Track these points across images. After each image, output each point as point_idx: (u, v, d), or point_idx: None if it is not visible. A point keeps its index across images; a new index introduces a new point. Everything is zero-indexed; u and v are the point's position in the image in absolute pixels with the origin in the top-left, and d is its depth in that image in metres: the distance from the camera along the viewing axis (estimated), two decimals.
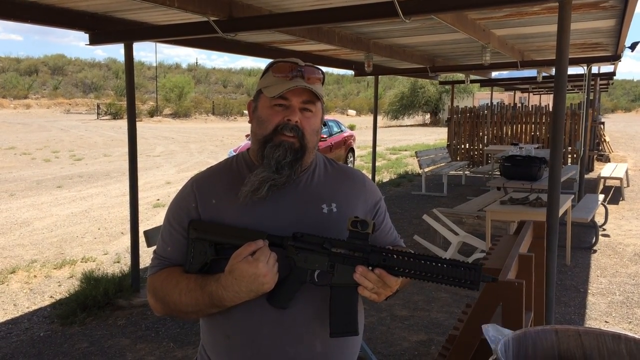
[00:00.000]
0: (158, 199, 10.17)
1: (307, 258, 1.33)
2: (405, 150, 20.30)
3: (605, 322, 4.56)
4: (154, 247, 1.56)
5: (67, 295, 5.03)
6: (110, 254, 6.60)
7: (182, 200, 1.49)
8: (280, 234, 1.36)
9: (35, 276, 5.75)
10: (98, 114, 42.34)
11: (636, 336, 1.37)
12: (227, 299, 1.33)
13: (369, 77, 10.50)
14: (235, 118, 46.17)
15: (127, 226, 5.74)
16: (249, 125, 1.53)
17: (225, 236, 1.37)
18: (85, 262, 6.27)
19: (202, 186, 1.48)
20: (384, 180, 12.86)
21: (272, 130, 1.42)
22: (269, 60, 1.56)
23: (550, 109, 11.80)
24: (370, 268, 1.31)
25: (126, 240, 6.51)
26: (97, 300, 4.80)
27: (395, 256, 1.30)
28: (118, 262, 6.26)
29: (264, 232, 1.35)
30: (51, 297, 5.19)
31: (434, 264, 1.28)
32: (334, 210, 1.47)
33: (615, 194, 10.33)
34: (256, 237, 1.33)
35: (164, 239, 1.49)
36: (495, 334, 1.36)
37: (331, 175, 1.55)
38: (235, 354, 1.43)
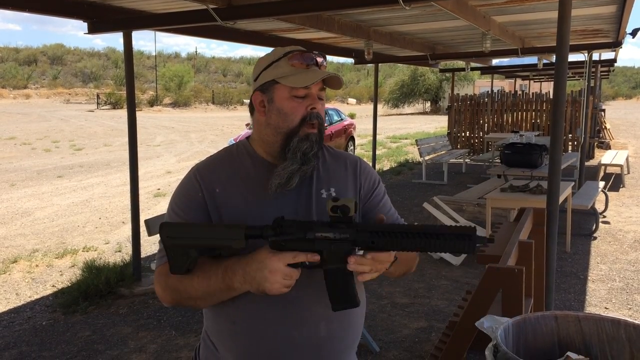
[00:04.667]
0: (158, 189, 10.18)
1: (293, 248, 1.29)
2: (406, 139, 20.27)
3: (605, 308, 4.58)
4: (158, 237, 1.55)
5: (69, 284, 5.05)
6: (112, 243, 6.62)
7: (187, 190, 1.48)
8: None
9: (37, 265, 5.77)
10: (98, 103, 42.19)
11: (635, 322, 1.37)
12: (237, 279, 1.32)
13: (369, 65, 10.47)
14: (235, 107, 46.05)
15: (128, 215, 5.74)
16: (249, 114, 1.53)
17: (203, 237, 1.34)
18: (87, 251, 6.28)
19: (205, 175, 1.48)
20: (385, 169, 12.85)
21: (299, 122, 1.42)
22: (268, 49, 1.55)
23: (551, 96, 11.78)
24: (358, 249, 1.29)
25: (127, 230, 6.53)
26: (99, 289, 4.82)
27: (383, 235, 1.26)
28: (119, 251, 6.28)
29: (241, 225, 1.31)
30: (53, 286, 5.21)
31: (425, 238, 1.24)
32: (333, 195, 1.49)
33: (615, 181, 10.33)
34: (233, 231, 1.31)
35: None
36: (490, 324, 1.37)
37: (328, 161, 1.56)
38: (241, 339, 1.44)
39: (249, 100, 1.54)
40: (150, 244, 6.17)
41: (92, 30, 4.92)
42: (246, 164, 1.48)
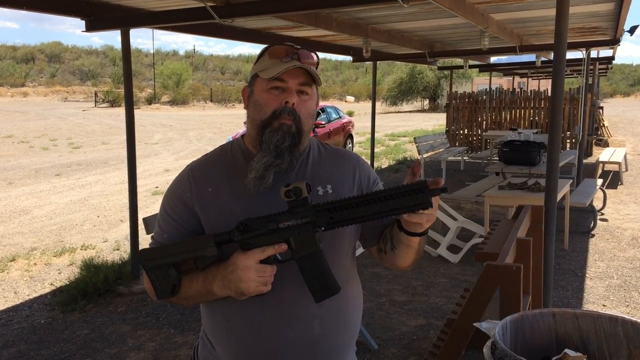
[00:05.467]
0: (157, 187, 10.17)
1: (261, 243, 1.31)
2: (404, 137, 20.27)
3: (603, 305, 4.59)
4: (153, 234, 1.57)
5: (67, 283, 5.04)
6: (110, 242, 6.62)
7: (178, 189, 1.49)
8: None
9: (35, 264, 5.77)
10: (96, 101, 42.11)
11: (633, 319, 1.38)
12: (216, 284, 1.34)
13: (367, 63, 10.46)
14: (233, 105, 45.99)
15: (126, 213, 5.74)
16: (246, 111, 1.53)
17: (177, 254, 1.37)
18: (85, 249, 6.28)
19: (197, 174, 1.49)
20: (383, 167, 12.86)
21: (271, 114, 1.41)
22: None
23: (549, 94, 11.78)
24: (322, 229, 1.29)
25: (125, 228, 6.52)
26: (97, 287, 4.82)
27: (341, 209, 1.27)
28: (117, 249, 6.27)
29: (211, 235, 1.34)
30: (51, 284, 5.20)
31: (381, 202, 1.25)
32: (330, 192, 1.48)
33: (613, 179, 10.34)
34: (203, 241, 1.34)
35: (161, 226, 1.50)
36: (488, 325, 1.37)
37: (325, 158, 1.55)
38: (236, 337, 1.45)
39: None
40: (149, 242, 6.17)
41: (90, 28, 4.92)
42: (239, 161, 1.48)
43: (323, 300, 1.34)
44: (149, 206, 8.40)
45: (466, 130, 15.03)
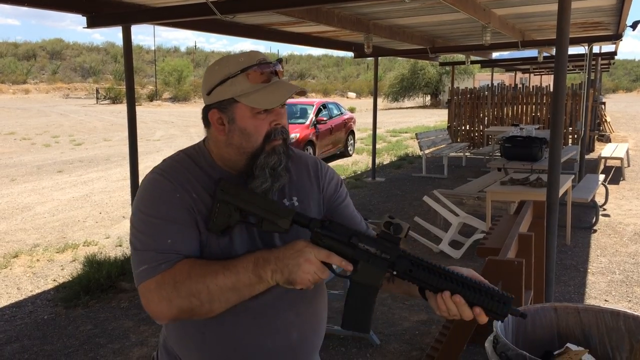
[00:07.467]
0: None
1: (333, 247, 1.27)
2: (406, 133, 20.25)
3: (605, 300, 4.59)
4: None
5: (70, 279, 5.06)
6: (112, 238, 6.63)
7: (165, 193, 1.35)
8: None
9: (38, 260, 5.78)
10: (97, 98, 42.16)
11: (635, 313, 1.38)
12: (269, 268, 1.26)
13: (368, 58, 10.45)
14: None
15: (128, 210, 5.75)
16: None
17: (253, 204, 1.32)
18: (88, 245, 6.29)
19: (175, 177, 1.37)
20: (385, 163, 12.85)
21: (263, 140, 1.35)
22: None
23: (551, 90, 11.76)
24: (394, 273, 1.26)
25: (127, 224, 6.53)
26: (100, 283, 4.83)
27: (424, 269, 1.25)
28: (120, 245, 6.28)
29: (292, 210, 1.31)
30: (54, 280, 5.22)
31: (462, 287, 1.23)
32: (296, 204, 1.45)
33: (615, 174, 10.33)
34: (284, 210, 1.30)
35: (159, 235, 1.32)
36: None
37: (291, 168, 1.47)
38: (211, 349, 1.39)
39: (201, 114, 1.43)
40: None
41: (91, 24, 4.92)
42: (210, 174, 1.39)
43: (350, 330, 1.32)
44: None
45: (468, 126, 15.01)
